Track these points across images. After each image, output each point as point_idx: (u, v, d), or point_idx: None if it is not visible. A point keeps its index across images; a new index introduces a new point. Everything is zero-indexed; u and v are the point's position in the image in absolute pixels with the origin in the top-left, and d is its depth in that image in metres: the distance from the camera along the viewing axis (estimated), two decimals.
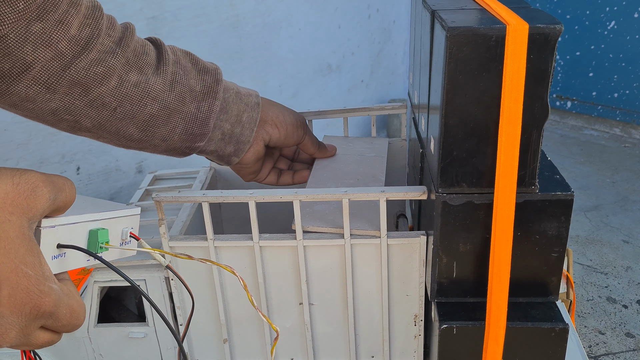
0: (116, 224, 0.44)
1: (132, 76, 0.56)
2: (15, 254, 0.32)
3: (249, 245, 0.64)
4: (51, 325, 0.35)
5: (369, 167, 0.76)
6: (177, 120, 0.60)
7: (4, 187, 0.32)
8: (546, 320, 0.57)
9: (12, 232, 0.32)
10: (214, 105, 0.61)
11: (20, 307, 0.32)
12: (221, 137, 0.64)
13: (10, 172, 0.33)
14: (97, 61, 0.53)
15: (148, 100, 0.57)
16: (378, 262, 0.64)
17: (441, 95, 0.51)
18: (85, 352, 0.72)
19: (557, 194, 0.54)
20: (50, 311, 0.34)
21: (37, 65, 0.50)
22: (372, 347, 0.69)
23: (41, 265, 0.34)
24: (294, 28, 1.61)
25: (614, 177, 1.80)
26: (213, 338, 0.70)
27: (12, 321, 0.32)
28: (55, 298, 0.34)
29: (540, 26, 0.48)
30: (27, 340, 0.34)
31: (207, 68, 0.62)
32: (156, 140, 0.61)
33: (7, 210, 0.32)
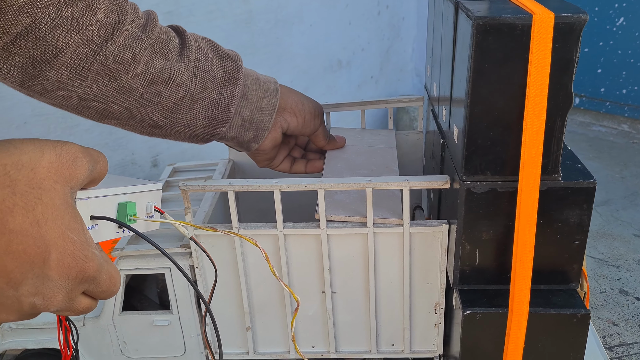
0: (141, 198, 0.46)
1: (157, 62, 0.57)
2: (62, 221, 0.33)
3: (273, 234, 0.65)
4: (92, 290, 0.37)
5: (380, 158, 0.77)
6: (200, 106, 0.61)
7: (48, 157, 0.34)
8: (568, 307, 0.58)
9: (57, 200, 0.33)
10: (235, 92, 0.62)
11: (67, 271, 0.34)
12: (241, 123, 0.65)
13: (52, 143, 0.35)
14: (124, 47, 0.54)
15: (173, 87, 0.58)
16: (400, 251, 0.65)
17: (466, 85, 0.52)
18: (110, 339, 0.74)
19: (579, 181, 0.55)
20: (93, 276, 0.35)
21: (68, 50, 0.51)
22: (392, 335, 0.71)
23: (84, 232, 0.35)
24: (305, 24, 1.62)
25: (623, 173, 1.80)
26: (236, 326, 0.72)
27: (59, 285, 0.34)
28: (97, 263, 0.36)
29: (565, 15, 0.48)
30: (71, 304, 0.35)
31: (227, 55, 0.63)
32: (180, 127, 0.62)
33: (52, 179, 0.33)
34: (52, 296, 0.33)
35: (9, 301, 0.32)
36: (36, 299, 0.33)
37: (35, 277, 0.32)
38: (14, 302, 0.33)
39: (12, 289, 0.32)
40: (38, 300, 0.33)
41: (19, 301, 0.33)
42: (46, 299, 0.33)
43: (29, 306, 0.33)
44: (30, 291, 0.33)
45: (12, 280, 0.32)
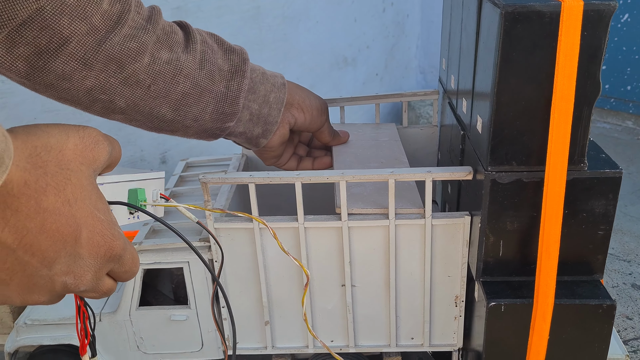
0: (148, 185, 0.46)
1: (163, 54, 0.56)
2: (90, 200, 0.34)
3: (294, 227, 0.64)
4: (116, 270, 0.37)
5: (388, 150, 0.77)
6: (208, 99, 0.60)
7: (74, 139, 0.34)
8: (593, 297, 0.57)
9: (84, 180, 0.34)
10: (242, 84, 0.62)
11: (97, 249, 0.34)
12: (249, 118, 0.65)
13: (75, 127, 0.35)
14: (130, 37, 0.53)
15: (180, 78, 0.57)
16: (421, 243, 0.64)
17: (493, 74, 0.52)
18: (127, 335, 0.73)
19: (605, 171, 0.55)
20: (119, 254, 0.36)
21: (74, 39, 0.50)
22: (412, 328, 0.70)
23: (109, 212, 0.36)
24: (311, 21, 1.62)
25: (630, 169, 1.80)
26: (254, 321, 0.71)
27: (89, 263, 0.34)
28: (123, 242, 0.36)
29: (595, 2, 0.48)
30: (97, 284, 0.36)
31: (233, 48, 0.63)
32: (188, 121, 0.61)
33: (78, 161, 0.34)
34: (82, 275, 0.34)
35: (43, 281, 0.33)
36: (68, 277, 0.33)
37: (67, 255, 0.33)
38: (47, 281, 0.33)
39: (46, 267, 0.32)
40: (69, 279, 0.34)
41: (52, 280, 0.33)
42: (77, 277, 0.34)
43: (61, 285, 0.34)
44: (63, 270, 0.33)
45: (47, 259, 0.32)
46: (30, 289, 0.33)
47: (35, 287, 0.33)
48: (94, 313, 0.46)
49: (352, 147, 0.78)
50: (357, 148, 0.77)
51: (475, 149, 0.60)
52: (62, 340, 0.75)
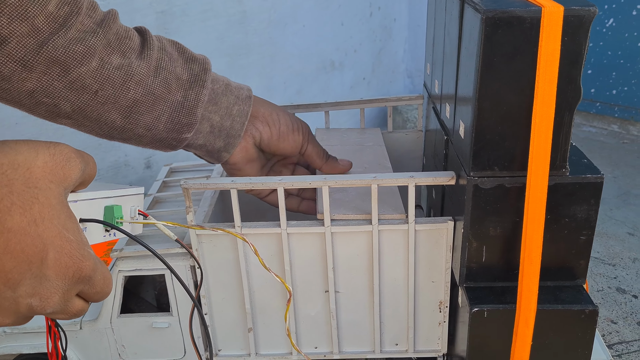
0: (125, 201, 0.46)
1: (114, 59, 0.54)
2: (58, 220, 0.33)
3: (276, 232, 0.64)
4: (87, 291, 0.36)
5: (371, 156, 0.77)
6: (163, 107, 0.58)
7: (43, 157, 0.33)
8: (575, 303, 0.57)
9: (53, 199, 0.33)
10: (201, 94, 0.59)
11: (64, 271, 0.33)
12: (210, 130, 0.62)
13: (45, 144, 0.34)
14: (77, 40, 0.51)
15: (131, 84, 0.55)
16: (405, 248, 0.64)
17: (474, 79, 0.52)
18: (108, 343, 0.72)
19: (587, 176, 0.55)
20: (89, 275, 0.35)
21: (13, 40, 0.48)
22: (396, 334, 0.70)
23: (79, 232, 0.35)
24: (298, 24, 1.62)
25: (615, 173, 1.81)
26: (237, 328, 0.70)
27: (56, 285, 0.33)
28: (93, 263, 0.35)
29: (575, 8, 0.48)
30: (66, 306, 0.35)
31: (194, 57, 0.61)
32: (140, 129, 0.58)
33: (47, 179, 0.33)
34: (49, 297, 0.33)
35: (7, 303, 0.32)
36: (33, 300, 0.33)
37: (33, 277, 0.32)
38: (12, 303, 0.32)
39: (10, 289, 0.31)
40: (35, 301, 0.33)
41: (16, 302, 0.32)
42: (43, 299, 0.33)
43: (26, 308, 0.33)
44: (28, 292, 0.32)
45: (10, 280, 0.31)
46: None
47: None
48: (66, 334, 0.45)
49: (335, 152, 0.78)
50: (340, 153, 0.77)
51: (458, 154, 0.60)
52: (41, 348, 0.74)
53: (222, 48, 1.34)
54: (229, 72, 1.40)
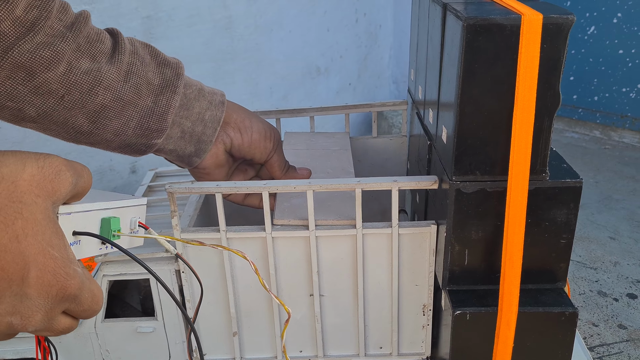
0: (125, 213, 0.45)
1: (83, 63, 0.52)
2: (43, 236, 0.32)
3: (261, 236, 0.64)
4: (73, 309, 0.35)
5: (336, 161, 0.78)
6: (132, 113, 0.56)
7: (30, 170, 0.32)
8: (556, 305, 0.58)
9: (39, 215, 0.32)
10: (173, 100, 0.58)
11: (48, 289, 0.32)
12: (181, 135, 0.61)
13: (34, 155, 0.33)
14: (44, 45, 0.50)
15: (100, 90, 0.54)
16: (389, 252, 0.64)
17: (456, 86, 0.53)
18: (92, 348, 0.72)
19: (566, 181, 0.56)
20: (74, 294, 0.34)
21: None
22: (380, 338, 0.70)
23: (66, 249, 0.34)
24: (284, 30, 1.62)
25: (597, 178, 1.84)
26: (222, 332, 0.70)
27: (38, 304, 0.32)
28: (79, 281, 0.34)
29: (553, 16, 0.49)
30: (50, 324, 0.34)
31: (167, 61, 0.59)
32: (108, 134, 0.57)
33: (33, 193, 0.32)
34: (30, 315, 0.32)
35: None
36: (14, 318, 0.31)
37: (13, 295, 0.31)
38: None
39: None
40: (15, 319, 0.32)
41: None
42: (24, 318, 0.32)
43: (6, 326, 0.32)
44: (8, 310, 0.31)
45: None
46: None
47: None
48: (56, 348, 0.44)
49: (301, 156, 0.79)
50: (305, 157, 0.78)
51: (440, 158, 0.61)
52: (25, 354, 0.73)
53: (208, 53, 1.34)
54: (215, 77, 1.40)
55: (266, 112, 0.85)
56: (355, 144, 0.90)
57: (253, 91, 1.54)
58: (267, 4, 1.52)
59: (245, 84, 1.52)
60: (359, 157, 0.91)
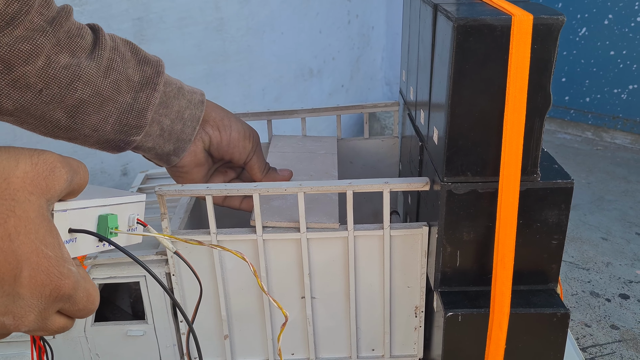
0: (123, 210, 0.44)
1: (62, 58, 0.52)
2: (36, 235, 0.31)
3: (252, 239, 0.64)
4: (68, 309, 0.35)
5: (320, 164, 0.78)
6: (111, 109, 0.56)
7: (23, 166, 0.32)
8: (548, 306, 0.58)
9: (32, 213, 0.31)
10: (152, 97, 0.58)
11: (41, 289, 0.32)
12: (160, 133, 0.61)
13: (28, 152, 0.33)
14: (24, 38, 0.49)
15: (79, 85, 0.53)
16: (380, 254, 0.64)
17: (447, 86, 0.53)
18: (82, 352, 0.71)
19: (557, 182, 0.56)
20: (69, 294, 0.33)
21: None
22: (372, 340, 0.70)
23: (60, 247, 0.33)
24: (276, 32, 1.62)
25: (589, 179, 1.84)
26: (213, 335, 0.70)
27: (31, 303, 0.31)
28: (74, 280, 0.33)
29: (544, 17, 0.49)
30: (44, 324, 0.33)
31: (148, 59, 0.59)
32: (86, 130, 0.56)
33: (27, 190, 0.31)
34: (23, 315, 0.31)
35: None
36: (6, 318, 0.31)
37: (5, 295, 0.30)
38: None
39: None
40: (8, 319, 0.31)
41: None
42: (17, 318, 0.31)
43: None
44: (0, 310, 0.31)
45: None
46: None
47: None
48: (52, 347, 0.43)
49: (287, 159, 0.79)
50: (291, 160, 0.78)
51: (432, 159, 0.61)
52: (13, 358, 0.73)
53: (199, 55, 1.34)
54: (207, 79, 1.40)
55: (258, 113, 0.85)
56: (347, 146, 0.90)
57: (245, 93, 1.54)
58: (259, 5, 1.52)
59: (238, 85, 1.51)
60: (350, 158, 0.91)
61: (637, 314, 1.10)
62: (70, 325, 0.36)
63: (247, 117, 0.85)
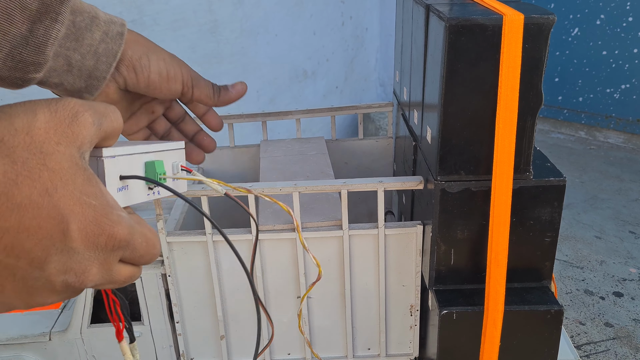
0: (166, 157, 0.42)
1: None
2: (74, 185, 0.29)
3: (248, 239, 0.64)
4: (129, 257, 0.33)
5: (314, 164, 0.78)
6: (1, 41, 0.48)
7: (42, 117, 0.30)
8: (542, 304, 0.59)
9: (64, 163, 0.29)
10: (53, 29, 0.49)
11: (94, 240, 0.30)
12: (68, 69, 0.53)
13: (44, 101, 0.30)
14: None
15: None
16: (375, 253, 0.65)
17: (440, 85, 0.53)
18: (78, 354, 0.71)
19: (550, 179, 0.57)
20: (125, 240, 0.31)
21: None
22: (368, 339, 0.70)
23: (103, 194, 0.31)
24: (270, 34, 1.62)
25: (583, 178, 1.85)
26: (210, 335, 0.70)
27: (89, 256, 0.30)
28: (127, 226, 0.31)
29: (534, 16, 0.50)
30: (110, 276, 0.32)
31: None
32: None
33: (53, 141, 0.29)
34: (84, 270, 0.30)
35: (39, 283, 0.29)
36: (68, 276, 0.29)
37: (59, 252, 0.29)
38: (44, 283, 0.29)
39: (37, 269, 0.28)
40: (70, 277, 0.29)
41: (49, 281, 0.29)
42: (79, 274, 0.30)
43: (62, 285, 0.29)
44: (59, 269, 0.29)
45: (35, 260, 0.28)
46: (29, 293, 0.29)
47: (33, 290, 0.29)
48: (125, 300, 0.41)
49: (278, 163, 0.79)
50: (284, 163, 0.78)
51: (425, 159, 0.61)
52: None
53: (193, 57, 1.34)
54: None
55: (252, 115, 0.85)
56: (342, 146, 0.90)
57: None
58: (253, 7, 1.52)
59: None
60: (345, 159, 0.91)
61: (631, 311, 1.11)
62: (138, 274, 0.34)
63: (242, 118, 0.85)
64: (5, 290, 0.28)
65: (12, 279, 0.28)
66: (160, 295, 0.68)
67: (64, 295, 0.30)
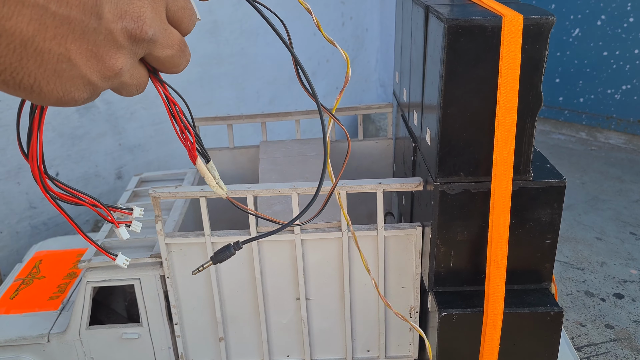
0: None
1: None
2: None
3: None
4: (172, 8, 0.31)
5: (314, 166, 0.78)
6: None
7: None
8: (541, 305, 0.58)
9: None
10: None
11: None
12: None
13: None
14: None
15: None
16: (375, 254, 0.64)
17: (439, 86, 0.53)
18: (77, 355, 0.71)
19: (550, 181, 0.56)
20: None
21: None
22: (367, 341, 0.70)
23: None
24: (270, 35, 1.62)
25: (583, 179, 1.85)
26: (208, 337, 0.70)
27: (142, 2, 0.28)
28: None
29: (534, 17, 0.49)
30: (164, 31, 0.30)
31: None
32: None
33: None
34: (140, 12, 0.28)
35: (100, 36, 0.27)
36: (125, 21, 0.28)
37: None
38: (106, 35, 0.27)
39: (93, 17, 0.27)
40: (128, 22, 0.28)
41: (109, 31, 0.27)
42: (135, 18, 0.28)
43: (124, 34, 0.28)
44: (114, 13, 0.28)
45: (87, 5, 0.26)
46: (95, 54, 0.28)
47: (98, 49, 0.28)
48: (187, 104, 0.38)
49: (278, 164, 0.79)
50: (284, 165, 0.78)
51: (425, 160, 0.61)
52: None
53: (193, 58, 1.34)
54: (201, 82, 1.40)
55: (252, 115, 0.85)
56: (342, 148, 0.90)
57: (239, 95, 1.54)
58: (252, 8, 1.52)
59: (232, 88, 1.51)
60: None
61: (632, 313, 1.10)
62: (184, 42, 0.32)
63: (241, 119, 0.85)
64: (72, 55, 0.27)
65: (72, 37, 0.26)
66: (159, 297, 0.68)
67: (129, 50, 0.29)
